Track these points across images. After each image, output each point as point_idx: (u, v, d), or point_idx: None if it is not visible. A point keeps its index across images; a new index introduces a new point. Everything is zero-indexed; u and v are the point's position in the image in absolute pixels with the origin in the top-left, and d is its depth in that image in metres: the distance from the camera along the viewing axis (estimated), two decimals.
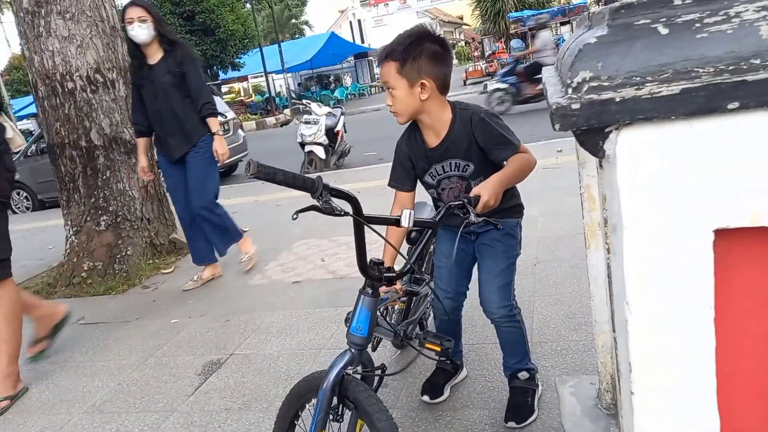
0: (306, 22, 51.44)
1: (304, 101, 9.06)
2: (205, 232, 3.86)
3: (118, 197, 4.44)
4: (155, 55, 3.60)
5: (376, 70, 32.59)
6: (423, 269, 2.34)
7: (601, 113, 0.74)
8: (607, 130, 0.77)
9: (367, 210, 1.43)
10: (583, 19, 1.23)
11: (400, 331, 1.92)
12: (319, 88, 27.42)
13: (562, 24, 25.77)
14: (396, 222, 1.52)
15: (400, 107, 1.74)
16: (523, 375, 2.04)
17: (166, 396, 2.59)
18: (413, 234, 2.14)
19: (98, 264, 4.34)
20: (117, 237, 4.40)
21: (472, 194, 1.63)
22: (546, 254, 3.44)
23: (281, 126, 20.28)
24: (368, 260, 1.56)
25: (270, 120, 20.50)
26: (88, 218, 4.40)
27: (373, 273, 1.56)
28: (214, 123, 3.67)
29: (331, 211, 1.36)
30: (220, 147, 3.67)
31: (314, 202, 1.37)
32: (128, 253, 4.40)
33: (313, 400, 1.55)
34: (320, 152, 8.20)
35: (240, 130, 9.93)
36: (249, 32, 22.01)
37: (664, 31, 0.74)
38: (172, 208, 4.99)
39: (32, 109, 26.62)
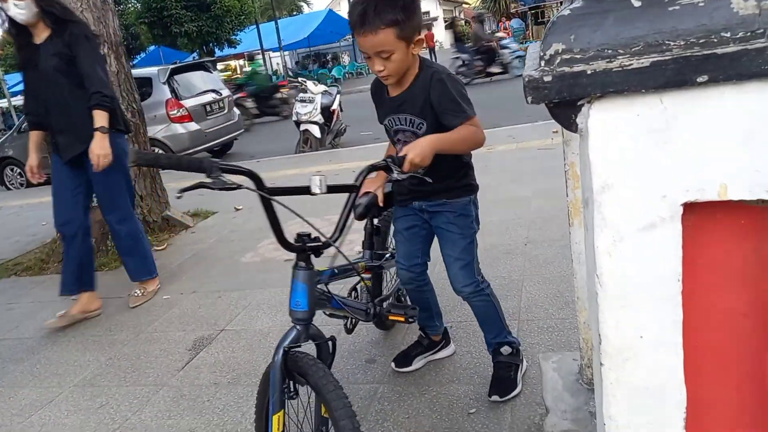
0: None
1: (299, 79, 9.00)
2: (120, 250, 3.42)
3: None
4: (42, 35, 3.01)
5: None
6: (386, 245, 2.36)
7: (573, 86, 0.74)
8: (579, 103, 0.77)
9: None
10: None
11: (369, 309, 1.98)
12: (317, 67, 27.15)
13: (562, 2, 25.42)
14: (306, 190, 1.51)
15: (396, 69, 1.69)
16: (506, 350, 2.07)
17: (156, 370, 2.62)
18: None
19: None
20: None
21: (401, 153, 1.61)
22: (537, 234, 3.45)
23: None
24: (296, 234, 1.57)
25: None
26: None
27: (296, 246, 1.55)
28: (100, 117, 2.89)
29: (222, 185, 1.36)
30: (98, 148, 2.86)
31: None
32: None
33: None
34: (316, 131, 8.16)
35: (235, 109, 9.85)
36: (245, 8, 21.71)
37: (636, 3, 0.73)
38: (166, 185, 4.98)
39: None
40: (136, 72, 6.77)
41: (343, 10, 33.76)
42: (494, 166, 5.04)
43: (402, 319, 1.93)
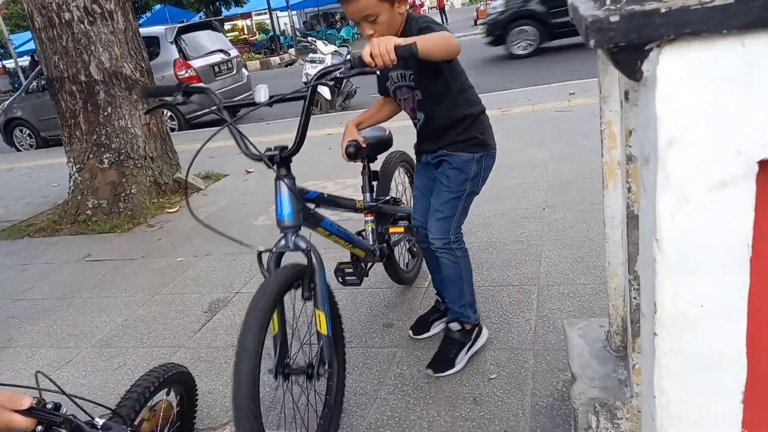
0: None
1: (309, 39, 8.78)
2: None
3: (120, 134, 4.36)
4: None
5: None
6: (387, 191, 2.38)
7: (643, 26, 0.66)
8: (647, 47, 0.69)
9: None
10: None
11: (376, 249, 2.17)
12: (325, 27, 26.57)
13: None
14: (252, 103, 1.76)
15: (386, 30, 1.71)
16: (455, 326, 2.03)
17: (173, 332, 2.61)
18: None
19: (103, 202, 4.31)
20: (121, 175, 4.35)
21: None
22: (555, 198, 3.37)
23: (286, 66, 19.74)
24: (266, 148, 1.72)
25: (275, 60, 19.98)
26: (91, 155, 4.34)
27: (272, 157, 1.71)
28: None
29: (182, 102, 1.74)
30: None
31: None
32: (132, 191, 4.37)
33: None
34: (326, 93, 8.00)
35: (244, 69, 9.68)
36: None
37: None
38: (176, 146, 4.92)
39: (32, 45, 26.03)
40: (143, 31, 6.60)
41: None
42: (510, 129, 4.91)
43: (401, 229, 2.13)
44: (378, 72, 1.65)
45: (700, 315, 0.76)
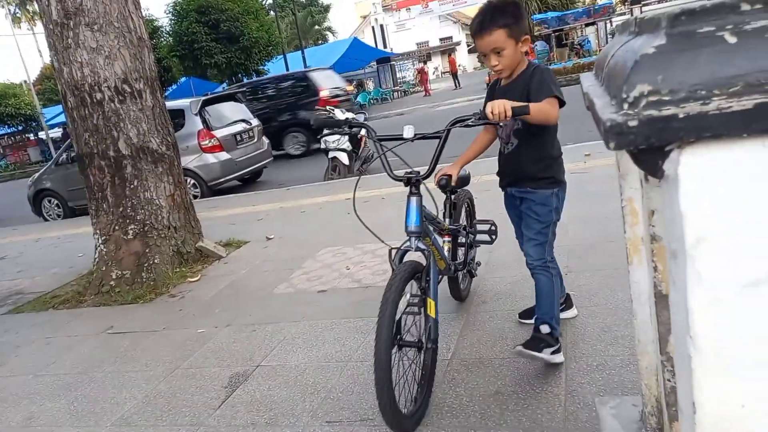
0: (329, 28, 51.75)
1: (327, 107, 9.05)
2: None
3: (145, 206, 4.48)
4: None
5: (399, 75, 32.54)
6: (459, 220, 2.88)
7: (662, 130, 0.68)
8: (667, 148, 0.70)
9: (394, 219, 1.49)
10: (628, 24, 1.15)
11: (450, 265, 2.63)
12: None
13: (587, 25, 25.40)
14: (401, 137, 2.31)
15: (508, 64, 2.17)
16: (545, 328, 2.31)
17: (192, 409, 2.57)
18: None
19: (126, 272, 4.37)
20: (144, 245, 4.44)
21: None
22: (578, 263, 3.33)
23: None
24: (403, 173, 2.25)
25: None
26: (117, 227, 4.44)
27: (403, 178, 2.26)
28: None
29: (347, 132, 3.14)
30: None
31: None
32: (156, 261, 4.43)
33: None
34: (344, 158, 8.18)
35: (264, 137, 9.98)
36: (273, 39, 22.20)
37: (731, 39, 0.67)
38: (199, 214, 5.02)
39: (63, 117, 27.27)
40: (170, 104, 6.92)
41: (368, 38, 34.33)
42: None
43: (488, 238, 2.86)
44: (500, 124, 2.25)
45: (743, 416, 0.73)
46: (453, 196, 2.77)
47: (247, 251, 5.07)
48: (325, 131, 8.40)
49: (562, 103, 2.15)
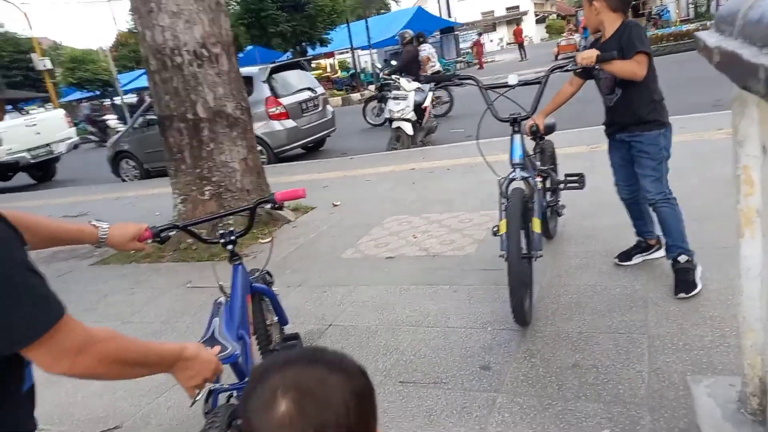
0: None
1: (393, 76, 8.97)
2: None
3: (221, 168, 4.63)
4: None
5: (462, 45, 31.78)
6: (544, 164, 3.24)
7: None
8: None
9: (459, 191, 1.41)
10: None
11: (543, 201, 2.98)
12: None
13: None
14: (504, 84, 2.76)
15: (586, 22, 2.66)
16: (683, 258, 2.56)
17: None
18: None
19: (202, 232, 4.55)
20: (219, 207, 4.60)
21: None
22: None
23: (366, 102, 20.31)
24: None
25: (355, 96, 20.60)
26: (194, 188, 4.62)
27: (507, 119, 2.70)
28: None
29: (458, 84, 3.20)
30: None
31: None
32: (229, 222, 4.58)
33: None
34: (408, 128, 8.11)
35: (328, 106, 10.04)
36: (337, 7, 22.12)
37: None
38: (273, 179, 5.14)
39: (136, 83, 28.40)
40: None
41: (431, 7, 33.57)
42: (601, 166, 4.73)
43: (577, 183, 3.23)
44: (596, 67, 2.55)
45: None
46: (541, 143, 3.23)
47: (314, 217, 5.16)
48: (390, 101, 8.38)
49: (650, 56, 2.45)
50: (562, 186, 3.37)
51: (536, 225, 2.58)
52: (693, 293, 2.48)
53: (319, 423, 0.64)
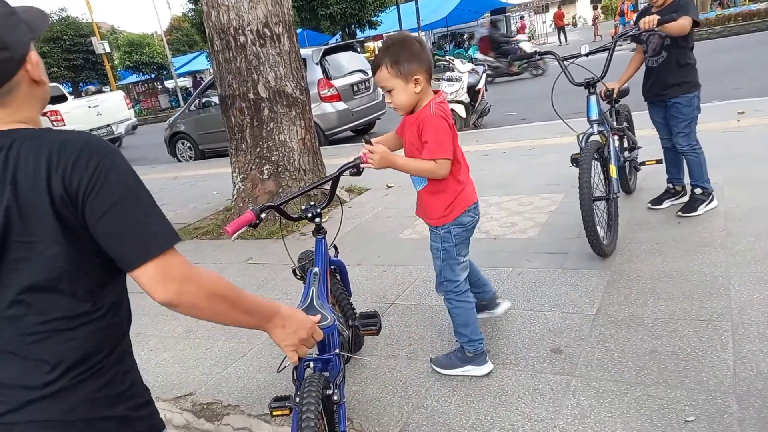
0: None
1: (447, 58, 8.85)
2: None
3: (279, 148, 4.69)
4: None
5: (512, 27, 31.00)
6: (621, 123, 3.66)
7: None
8: None
9: (517, 174, 1.34)
10: None
11: (620, 158, 3.40)
12: (453, 47, 26.77)
13: None
14: (578, 54, 3.19)
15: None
16: (698, 191, 3.27)
17: None
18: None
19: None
20: (278, 185, 4.67)
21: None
22: (737, 227, 3.05)
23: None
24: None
25: None
26: (254, 167, 4.70)
27: (583, 82, 3.11)
28: None
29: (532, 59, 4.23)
30: None
31: None
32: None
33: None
34: (461, 110, 8.00)
35: (379, 89, 10.00)
36: None
37: None
38: (325, 160, 5.18)
39: (189, 67, 29.04)
40: None
41: None
42: None
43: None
44: (654, 30, 2.96)
45: None
46: (617, 105, 3.62)
47: (368, 197, 5.18)
48: (443, 83, 8.27)
49: (696, 24, 2.96)
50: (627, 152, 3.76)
51: (612, 171, 3.00)
52: (689, 215, 3.23)
53: None
